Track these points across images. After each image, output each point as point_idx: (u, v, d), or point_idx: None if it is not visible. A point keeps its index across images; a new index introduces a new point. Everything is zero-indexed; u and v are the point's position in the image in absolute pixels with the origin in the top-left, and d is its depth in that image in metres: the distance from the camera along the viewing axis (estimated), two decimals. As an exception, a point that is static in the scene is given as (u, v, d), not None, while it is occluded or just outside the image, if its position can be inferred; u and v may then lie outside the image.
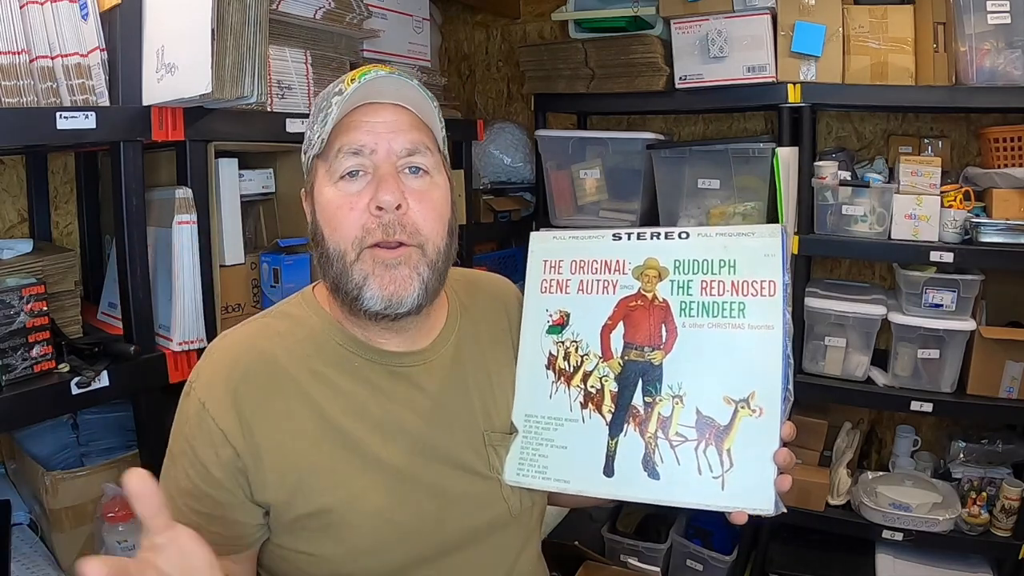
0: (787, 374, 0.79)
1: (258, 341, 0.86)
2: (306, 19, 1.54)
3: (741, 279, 0.82)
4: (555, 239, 0.95)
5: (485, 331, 0.97)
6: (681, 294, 0.84)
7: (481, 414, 0.91)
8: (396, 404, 0.86)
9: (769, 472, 0.77)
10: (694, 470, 0.80)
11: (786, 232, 0.83)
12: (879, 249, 1.89)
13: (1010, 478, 1.90)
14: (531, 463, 0.88)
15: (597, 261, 0.90)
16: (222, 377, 0.82)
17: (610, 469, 0.84)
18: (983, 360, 1.83)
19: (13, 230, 1.56)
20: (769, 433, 0.78)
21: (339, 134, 0.83)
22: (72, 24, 1.19)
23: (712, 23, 1.91)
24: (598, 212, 2.19)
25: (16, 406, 1.08)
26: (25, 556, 1.28)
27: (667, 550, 2.21)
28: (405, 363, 0.88)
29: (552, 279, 0.93)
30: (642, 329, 0.85)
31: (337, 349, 0.86)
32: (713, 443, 0.79)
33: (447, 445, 0.87)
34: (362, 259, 0.81)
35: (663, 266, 0.86)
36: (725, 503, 0.78)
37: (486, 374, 0.94)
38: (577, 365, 0.88)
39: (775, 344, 0.79)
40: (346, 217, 0.81)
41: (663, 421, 0.82)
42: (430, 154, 0.85)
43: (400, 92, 0.84)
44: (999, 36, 1.69)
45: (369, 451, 0.83)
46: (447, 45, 2.71)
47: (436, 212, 0.84)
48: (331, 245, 0.82)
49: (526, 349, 0.93)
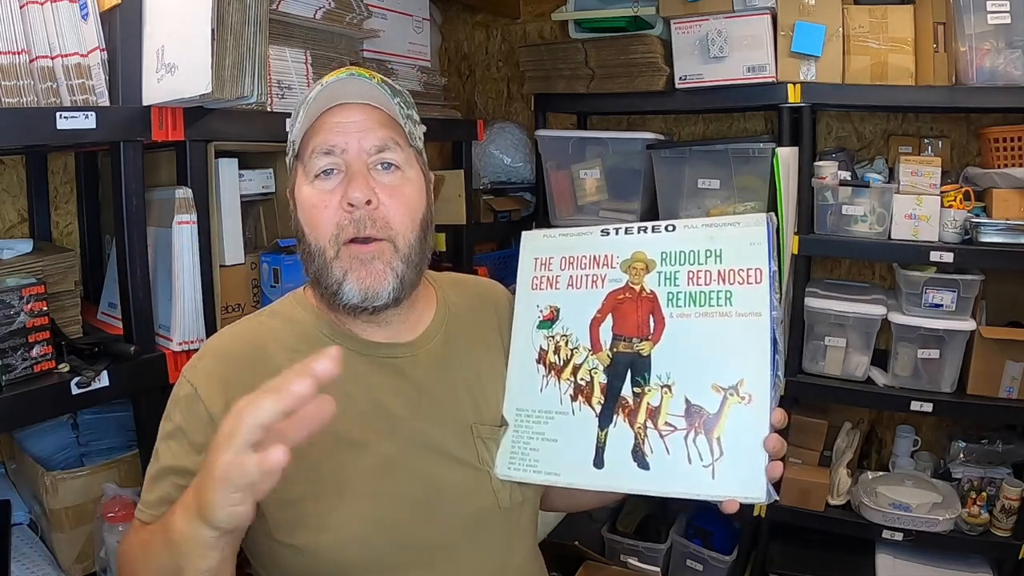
0: (776, 361, 0.79)
1: (249, 336, 0.90)
2: (306, 19, 1.54)
3: (727, 268, 0.83)
4: (545, 237, 0.96)
5: (474, 329, 0.99)
6: (668, 285, 0.85)
7: (470, 407, 0.92)
8: (384, 394, 0.88)
9: (760, 459, 0.77)
10: (684, 459, 0.80)
11: (772, 220, 0.83)
12: (879, 249, 1.89)
13: (1010, 478, 1.90)
14: (522, 457, 0.89)
15: (586, 257, 0.91)
16: (213, 366, 0.86)
17: (600, 461, 0.84)
18: (983, 360, 1.83)
19: (13, 230, 1.56)
20: (759, 420, 0.78)
21: (312, 136, 0.86)
22: (72, 24, 1.19)
23: (712, 23, 1.91)
24: (598, 212, 2.19)
25: (16, 406, 1.08)
26: (25, 556, 1.28)
27: (667, 550, 2.21)
28: (393, 354, 0.90)
29: (543, 276, 0.94)
30: (630, 321, 0.86)
31: (325, 341, 0.88)
32: (703, 432, 0.79)
33: (435, 434, 0.88)
34: (341, 256, 0.84)
35: (650, 258, 0.87)
36: (716, 492, 0.78)
37: (475, 369, 0.95)
38: (567, 359, 0.89)
39: (762, 331, 0.80)
40: (322, 215, 0.84)
41: (652, 411, 0.82)
42: (400, 150, 0.88)
43: (366, 92, 0.87)
44: (999, 36, 1.69)
45: (357, 439, 0.85)
46: (447, 45, 2.71)
47: (406, 207, 0.87)
48: (311, 242, 0.86)
49: (517, 345, 0.94)
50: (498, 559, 0.91)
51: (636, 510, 2.37)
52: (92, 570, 1.29)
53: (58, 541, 1.28)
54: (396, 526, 0.84)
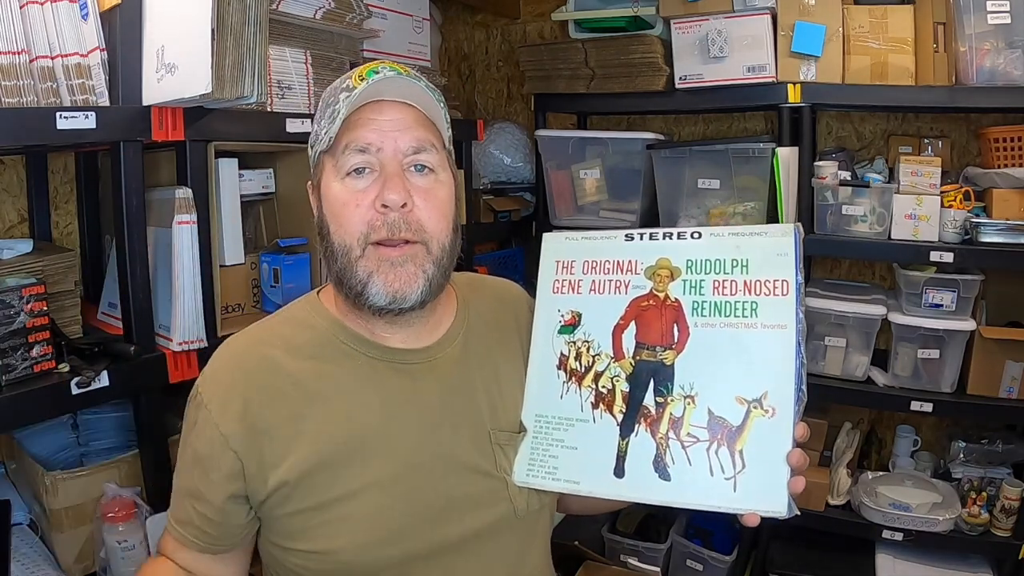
0: (800, 374, 0.78)
1: (262, 347, 0.87)
2: (306, 19, 1.54)
3: (754, 278, 0.82)
4: (567, 240, 0.94)
5: (493, 332, 0.97)
6: (693, 294, 0.84)
7: (488, 413, 0.91)
8: (400, 401, 0.86)
9: (782, 473, 0.76)
10: (706, 471, 0.79)
11: (800, 231, 0.82)
12: (879, 249, 1.89)
13: (1010, 478, 1.90)
14: (541, 464, 0.87)
15: (609, 262, 0.90)
16: (227, 384, 0.84)
17: (621, 470, 0.83)
18: (983, 360, 1.83)
19: (13, 230, 1.56)
20: (782, 434, 0.77)
21: (346, 131, 0.83)
22: (72, 24, 1.19)
23: (712, 23, 1.91)
24: (598, 212, 2.19)
25: (16, 406, 1.08)
26: (25, 556, 1.28)
27: (667, 550, 2.21)
28: (410, 360, 0.89)
29: (564, 279, 0.92)
30: (654, 329, 0.85)
31: (341, 347, 0.87)
32: (725, 444, 0.78)
33: (451, 443, 0.87)
34: (367, 256, 0.82)
35: (675, 266, 0.86)
36: (737, 505, 0.77)
37: (493, 374, 0.93)
38: (588, 365, 0.88)
39: (788, 344, 0.79)
40: (352, 213, 0.82)
41: (675, 421, 0.81)
42: (435, 152, 0.86)
43: (407, 91, 0.84)
44: (999, 36, 1.69)
45: (373, 448, 0.84)
46: (447, 45, 2.71)
47: (441, 210, 0.85)
48: (336, 240, 0.83)
49: (537, 349, 0.92)
50: (508, 565, 0.91)
51: (636, 510, 2.36)
52: (92, 570, 1.29)
53: (58, 541, 1.28)
54: (407, 534, 0.84)
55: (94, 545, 1.27)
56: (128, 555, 1.24)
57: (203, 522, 0.84)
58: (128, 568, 1.25)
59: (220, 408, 0.83)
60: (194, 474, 0.84)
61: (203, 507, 0.84)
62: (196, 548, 0.86)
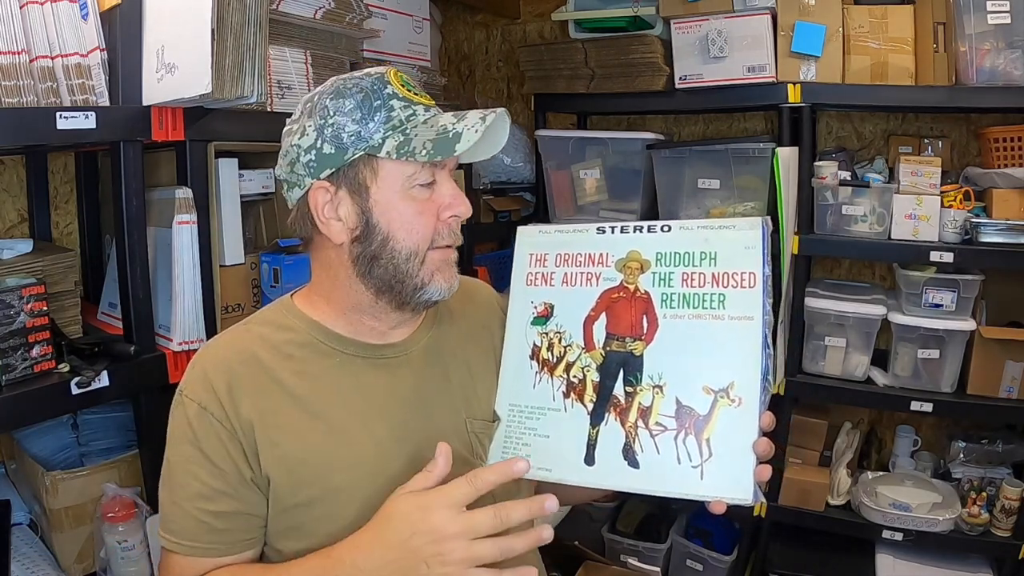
0: (767, 365, 0.80)
1: (241, 345, 0.89)
2: (306, 19, 1.54)
3: (721, 271, 0.83)
4: (541, 233, 0.97)
5: (463, 326, 1.00)
6: (662, 286, 0.85)
7: (462, 403, 0.93)
8: (378, 393, 0.89)
9: (748, 462, 0.77)
10: (673, 459, 0.80)
11: (768, 225, 0.84)
12: (879, 249, 1.89)
13: (1010, 478, 1.90)
14: (514, 452, 0.89)
15: (581, 254, 0.92)
16: (213, 380, 0.85)
17: (591, 458, 0.84)
18: (983, 360, 1.83)
19: (13, 230, 1.56)
20: (748, 423, 0.78)
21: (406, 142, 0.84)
22: (72, 24, 1.20)
23: (712, 23, 1.91)
24: (598, 212, 2.19)
25: (16, 406, 1.09)
26: (25, 556, 1.28)
27: (667, 550, 2.21)
28: (386, 354, 0.91)
29: (537, 272, 0.95)
30: (624, 320, 0.86)
31: (319, 347, 0.89)
32: (693, 433, 0.80)
33: (429, 429, 0.89)
34: (429, 258, 0.87)
35: (645, 258, 0.87)
36: (704, 492, 0.78)
37: (466, 366, 0.96)
38: (560, 356, 0.89)
39: (754, 335, 0.80)
40: (426, 222, 0.86)
41: (643, 411, 0.83)
42: None
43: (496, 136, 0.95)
44: (999, 36, 1.69)
45: (354, 439, 0.85)
46: (447, 45, 2.71)
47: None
48: (401, 248, 0.85)
49: (511, 340, 0.94)
50: None
51: (636, 510, 2.37)
52: (92, 570, 1.29)
53: (58, 541, 1.28)
54: None
55: (94, 545, 1.27)
56: (128, 555, 1.24)
57: (221, 520, 0.83)
58: (128, 568, 1.25)
59: (210, 399, 0.83)
60: (199, 474, 0.83)
61: (218, 503, 0.82)
62: (216, 554, 0.84)
